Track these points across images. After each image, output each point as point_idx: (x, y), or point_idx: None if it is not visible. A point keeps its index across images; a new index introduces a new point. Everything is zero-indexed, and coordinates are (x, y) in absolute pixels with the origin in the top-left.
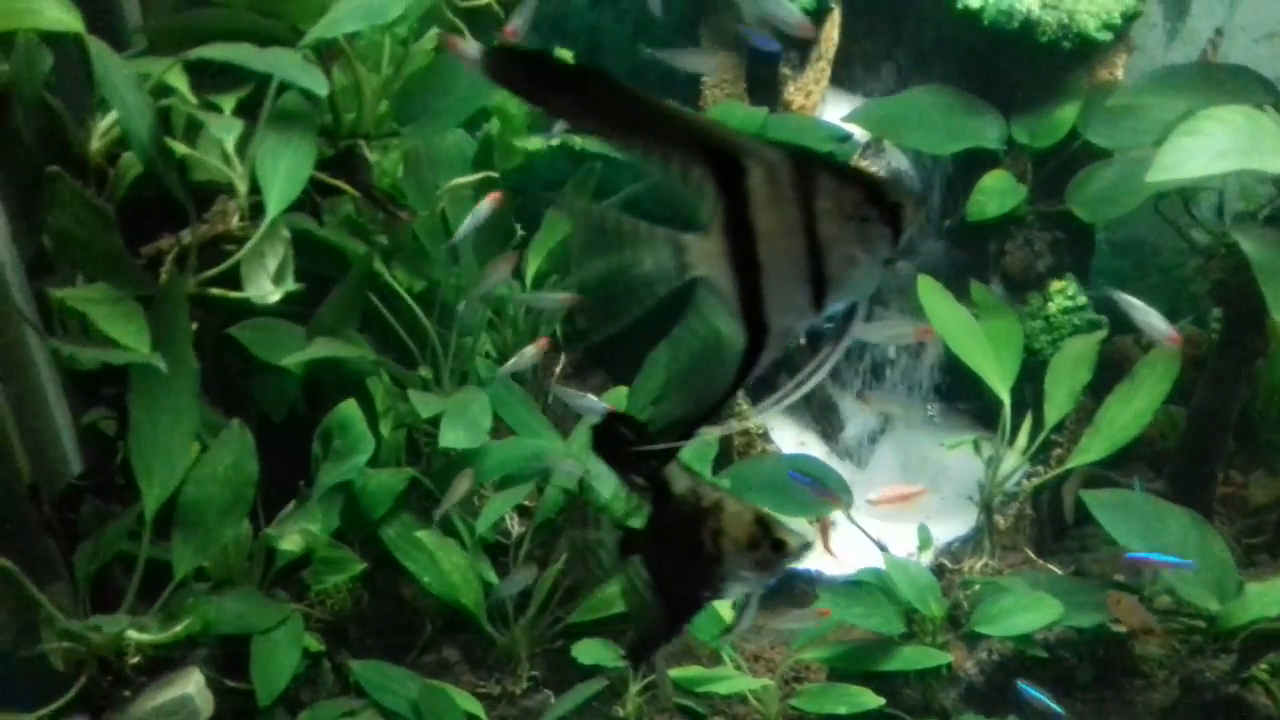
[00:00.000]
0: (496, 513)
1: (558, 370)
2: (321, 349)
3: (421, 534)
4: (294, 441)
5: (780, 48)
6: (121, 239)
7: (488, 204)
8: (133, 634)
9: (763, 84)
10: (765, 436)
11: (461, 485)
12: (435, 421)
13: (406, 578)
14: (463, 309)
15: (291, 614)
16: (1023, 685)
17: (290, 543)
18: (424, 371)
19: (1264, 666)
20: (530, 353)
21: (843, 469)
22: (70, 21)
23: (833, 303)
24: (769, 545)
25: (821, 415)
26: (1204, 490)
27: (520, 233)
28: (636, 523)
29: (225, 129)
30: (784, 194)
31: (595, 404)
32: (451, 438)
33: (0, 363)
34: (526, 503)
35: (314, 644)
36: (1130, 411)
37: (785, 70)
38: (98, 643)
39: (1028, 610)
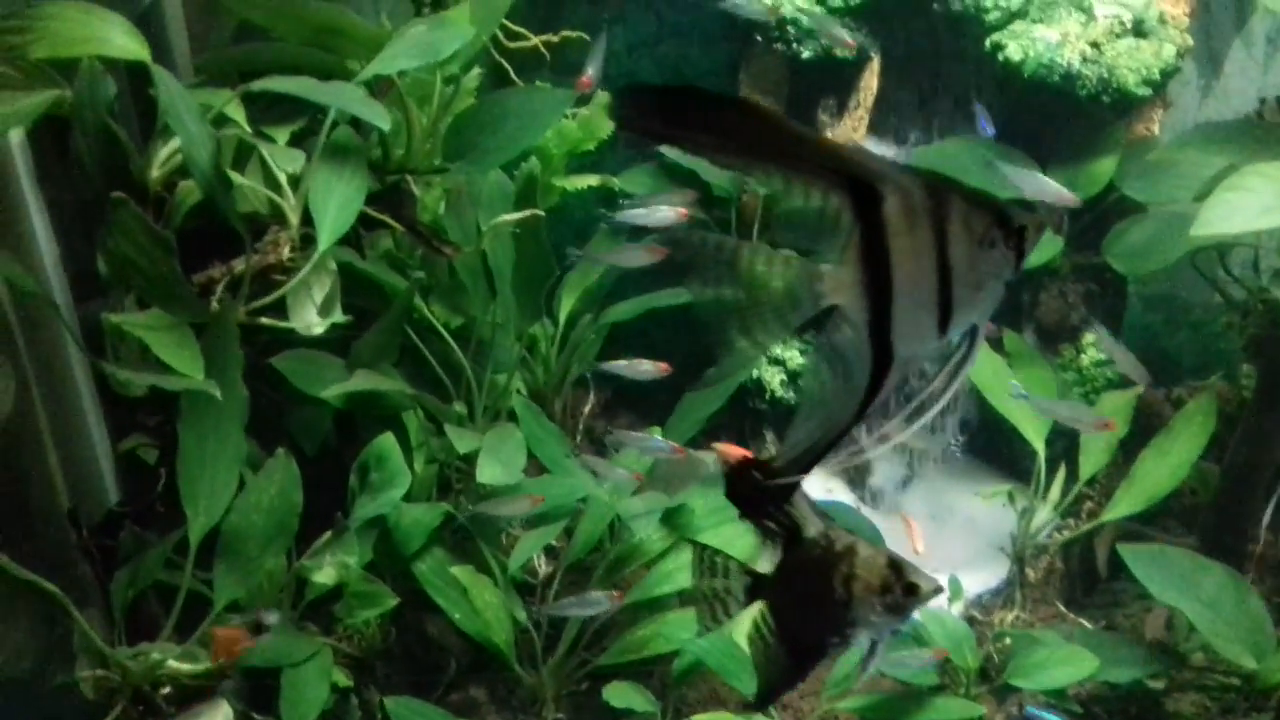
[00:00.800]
0: (529, 551)
1: (586, 410)
2: (361, 382)
3: (456, 570)
4: (323, 475)
5: (994, 132)
6: (179, 270)
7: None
8: (172, 664)
9: None
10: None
11: None
12: (467, 458)
13: (433, 615)
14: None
15: (321, 648)
16: (1031, 709)
17: (324, 575)
18: (458, 407)
19: None
20: (647, 368)
21: (873, 518)
22: (137, 50)
23: (957, 328)
24: (901, 589)
25: (849, 464)
26: (1238, 548)
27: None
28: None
29: (288, 160)
30: (918, 220)
31: (660, 444)
32: (489, 474)
33: (43, 385)
34: (555, 543)
35: (342, 679)
36: (1166, 465)
37: (823, 118)
38: (135, 671)
39: (1063, 664)
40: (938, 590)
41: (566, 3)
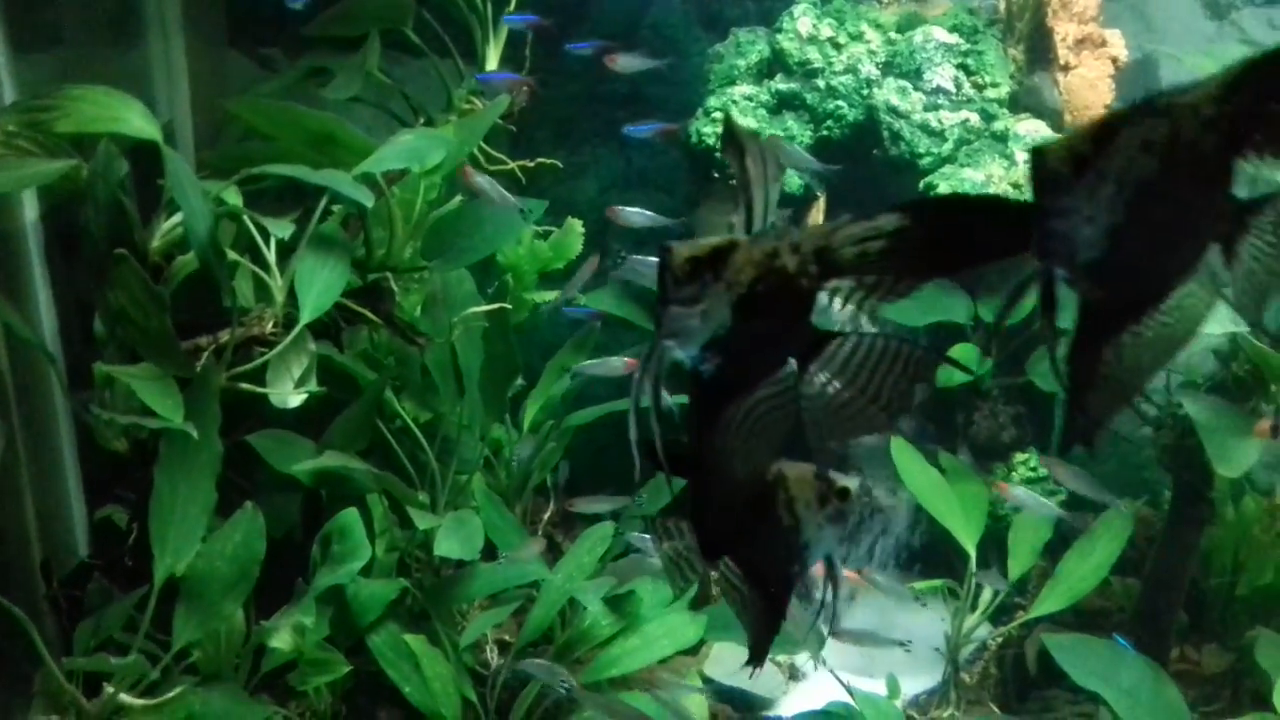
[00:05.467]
0: (482, 627)
1: (545, 517)
2: (331, 459)
3: (409, 638)
4: (289, 559)
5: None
6: (171, 326)
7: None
8: (125, 698)
9: None
10: None
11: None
12: (427, 547)
13: (384, 702)
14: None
15: (273, 715)
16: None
17: (281, 640)
18: (422, 497)
19: None
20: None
21: (820, 628)
22: (151, 131)
23: None
24: (835, 496)
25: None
26: (1159, 655)
27: (520, 382)
28: None
29: (280, 230)
30: None
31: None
32: (446, 547)
33: (29, 439)
34: (506, 637)
35: None
36: (1088, 565)
37: None
38: (91, 713)
39: None
40: (865, 487)
41: (544, 143)
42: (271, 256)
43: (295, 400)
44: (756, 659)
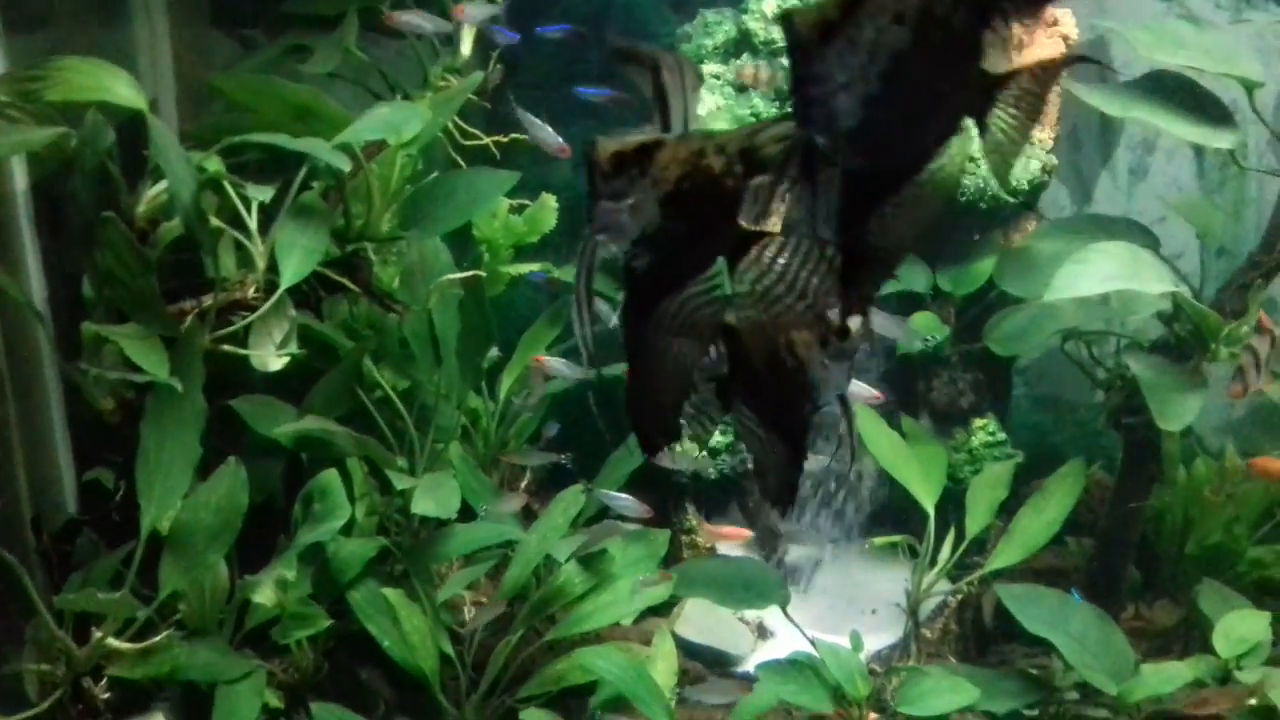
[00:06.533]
0: (458, 584)
1: (523, 485)
2: (312, 424)
3: (387, 591)
4: (271, 528)
5: None
6: (157, 288)
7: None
8: (113, 642)
9: None
10: (712, 551)
11: None
12: (406, 511)
13: (366, 662)
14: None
15: (256, 668)
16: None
17: (264, 595)
18: (401, 462)
19: None
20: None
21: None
22: (137, 100)
23: None
24: (835, 335)
25: (766, 541)
26: (1111, 610)
27: (496, 353)
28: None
29: (260, 194)
30: None
31: (630, 502)
32: (422, 506)
33: (19, 398)
34: (484, 599)
35: (274, 700)
36: (1041, 521)
37: None
38: (80, 658)
39: (946, 693)
40: (864, 323)
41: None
42: (253, 224)
43: (276, 364)
44: (787, 499)
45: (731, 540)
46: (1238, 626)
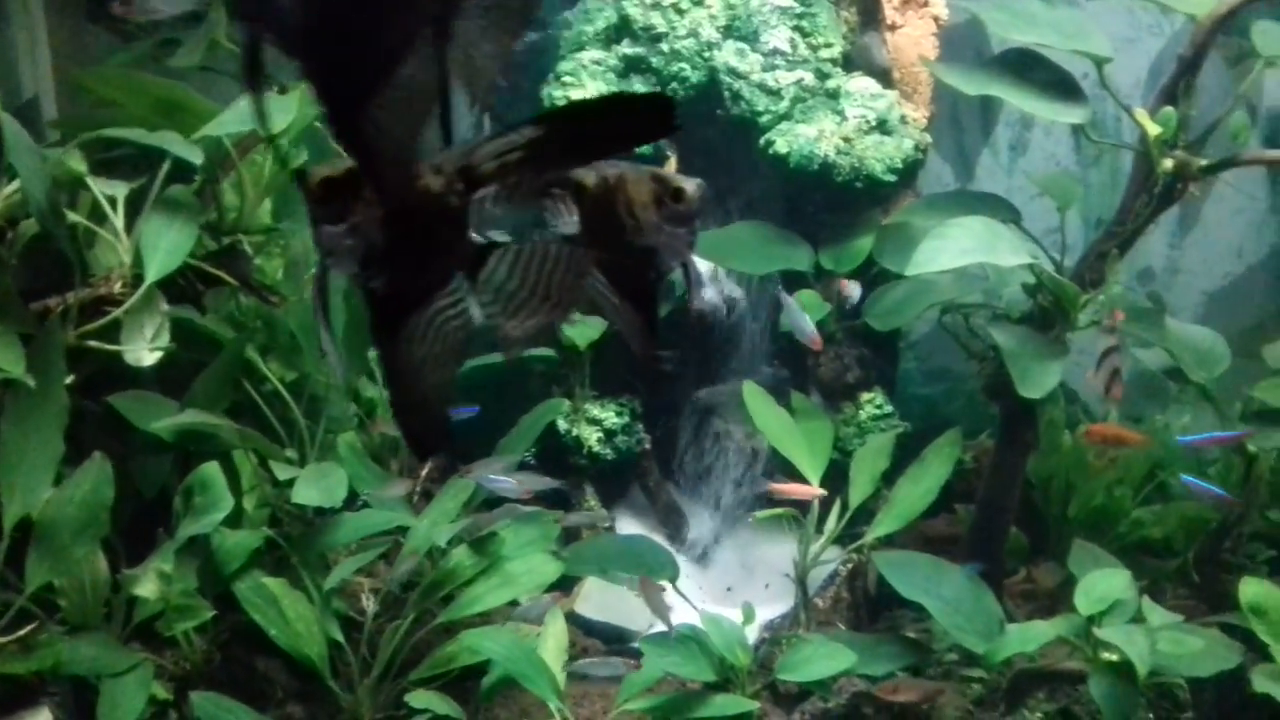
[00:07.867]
0: (345, 571)
1: (424, 474)
2: (193, 417)
3: (269, 581)
4: (161, 523)
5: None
6: (12, 285)
7: None
8: None
9: None
10: (611, 530)
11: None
12: (299, 505)
13: (260, 652)
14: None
15: (142, 661)
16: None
17: (145, 588)
18: (290, 454)
19: (1039, 715)
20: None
21: (688, 566)
22: None
23: None
24: (670, 197)
25: (667, 518)
26: (994, 574)
27: None
28: None
29: (113, 189)
30: None
31: (509, 484)
32: (304, 495)
33: None
34: (381, 585)
35: (162, 692)
36: (919, 489)
37: None
38: None
39: (825, 659)
40: (700, 187)
41: None
42: (119, 221)
43: (150, 359)
44: (649, 353)
45: (802, 497)
46: (1098, 585)
